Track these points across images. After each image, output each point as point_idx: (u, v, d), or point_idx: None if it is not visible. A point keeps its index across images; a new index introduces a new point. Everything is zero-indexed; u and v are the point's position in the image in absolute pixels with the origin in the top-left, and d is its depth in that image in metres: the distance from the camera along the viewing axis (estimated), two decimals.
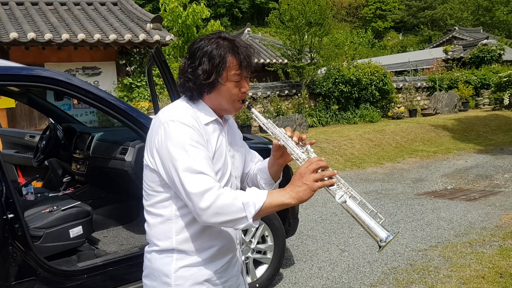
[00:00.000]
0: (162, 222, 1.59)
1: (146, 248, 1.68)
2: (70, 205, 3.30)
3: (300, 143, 1.60)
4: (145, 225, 1.67)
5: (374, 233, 1.45)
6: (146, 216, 1.66)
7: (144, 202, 1.67)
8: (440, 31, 43.43)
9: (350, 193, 1.48)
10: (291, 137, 1.61)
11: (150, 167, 1.59)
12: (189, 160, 1.46)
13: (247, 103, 1.66)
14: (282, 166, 1.74)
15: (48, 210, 3.25)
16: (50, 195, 4.09)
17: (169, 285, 1.57)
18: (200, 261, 1.59)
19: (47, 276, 2.72)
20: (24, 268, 2.66)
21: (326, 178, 1.47)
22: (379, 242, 1.45)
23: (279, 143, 1.62)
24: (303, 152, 1.57)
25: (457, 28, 30.57)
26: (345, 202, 1.46)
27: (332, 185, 1.47)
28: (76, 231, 3.22)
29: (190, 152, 1.47)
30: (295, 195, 1.46)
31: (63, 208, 3.25)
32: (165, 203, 1.58)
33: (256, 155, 1.89)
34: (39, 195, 4.07)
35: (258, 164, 1.85)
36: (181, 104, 1.62)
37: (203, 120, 1.59)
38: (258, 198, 1.45)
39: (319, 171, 1.47)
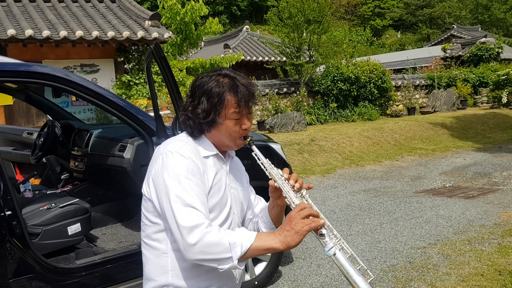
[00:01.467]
0: (158, 256, 1.58)
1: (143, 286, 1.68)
2: (68, 202, 3.28)
3: (296, 187, 1.57)
4: (143, 259, 1.66)
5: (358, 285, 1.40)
6: (143, 249, 1.65)
7: (142, 233, 1.66)
8: (439, 29, 43.41)
9: (341, 245, 1.45)
10: (288, 179, 1.59)
11: (146, 196, 1.60)
12: (182, 193, 1.46)
13: (248, 139, 1.65)
14: (283, 208, 1.70)
15: (46, 207, 3.23)
16: (48, 192, 4.07)
17: None
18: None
19: (45, 273, 2.71)
20: (22, 266, 2.64)
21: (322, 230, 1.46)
22: None
23: (275, 184, 1.60)
24: (297, 197, 1.55)
25: (455, 27, 30.56)
26: (334, 254, 1.42)
27: (320, 227, 1.45)
28: (74, 228, 3.20)
29: (184, 184, 1.47)
30: (283, 240, 1.43)
31: (61, 205, 3.23)
32: (160, 235, 1.57)
33: (262, 200, 1.87)
34: (37, 192, 4.05)
35: (259, 206, 1.84)
36: (182, 137, 1.63)
37: (203, 153, 1.59)
38: (245, 239, 1.43)
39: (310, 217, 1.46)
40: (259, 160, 1.65)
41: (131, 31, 10.76)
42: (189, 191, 1.47)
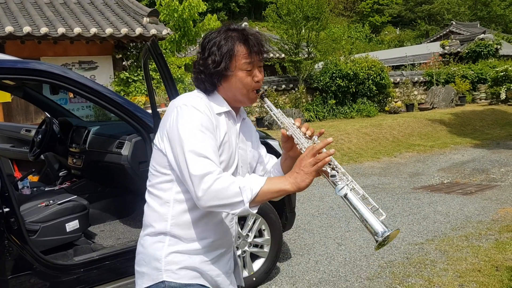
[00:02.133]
0: (161, 204, 1.60)
1: (141, 233, 1.69)
2: (67, 199, 3.29)
3: (307, 134, 1.58)
4: (145, 206, 1.68)
5: (371, 227, 1.40)
6: (147, 197, 1.66)
7: (147, 183, 1.68)
8: (438, 26, 43.40)
9: (352, 186, 1.44)
10: (299, 127, 1.60)
11: (158, 147, 1.61)
12: (195, 143, 1.47)
13: (260, 92, 1.65)
14: (295, 160, 1.69)
15: (44, 204, 3.24)
16: (46, 189, 4.08)
17: (159, 269, 1.57)
18: (191, 249, 1.58)
19: (44, 270, 2.72)
20: (20, 262, 2.65)
21: (327, 168, 1.46)
22: (375, 237, 1.40)
23: (287, 133, 1.60)
24: (308, 143, 1.54)
25: (454, 23, 30.59)
26: (346, 195, 1.42)
27: (327, 163, 1.45)
28: (72, 225, 3.21)
29: (198, 135, 1.48)
30: (293, 181, 1.45)
31: (59, 202, 3.24)
32: (166, 185, 1.59)
33: (274, 158, 1.87)
34: (35, 189, 4.06)
35: (271, 163, 1.84)
36: (196, 93, 1.64)
37: (216, 109, 1.59)
38: (255, 183, 1.44)
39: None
40: (271, 111, 1.66)
41: (129, 28, 10.74)
42: (202, 141, 1.48)
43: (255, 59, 1.59)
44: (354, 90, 14.21)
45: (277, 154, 3.76)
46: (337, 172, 1.46)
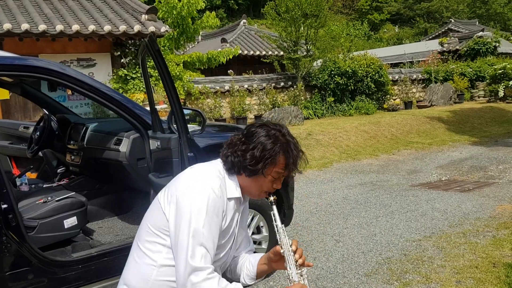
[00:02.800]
0: (147, 264, 1.61)
1: (120, 282, 1.71)
2: (65, 196, 3.29)
3: (299, 262, 1.64)
4: (129, 258, 1.69)
5: None
6: (134, 249, 1.68)
7: (137, 236, 1.70)
8: (436, 24, 43.36)
9: None
10: (294, 252, 1.65)
11: (162, 209, 1.62)
12: (202, 230, 1.50)
13: (272, 198, 1.72)
14: (273, 269, 1.78)
15: (42, 200, 3.24)
16: (44, 186, 4.08)
17: None
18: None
19: (42, 266, 2.72)
20: (18, 259, 2.65)
21: None
22: None
23: (281, 252, 1.66)
24: (297, 273, 1.61)
25: (453, 21, 30.57)
26: None
27: None
28: (70, 221, 3.21)
29: (207, 222, 1.51)
30: None
31: (57, 199, 3.24)
32: (157, 246, 1.61)
33: (251, 243, 1.94)
34: (33, 186, 4.06)
35: (249, 254, 1.88)
36: (216, 169, 1.67)
37: (230, 194, 1.64)
38: None
39: None
40: (275, 222, 1.71)
41: (128, 25, 10.72)
42: (209, 231, 1.52)
43: (287, 174, 1.67)
44: (352, 87, 14.21)
45: None
46: None
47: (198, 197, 1.53)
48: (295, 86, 14.13)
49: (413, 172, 7.84)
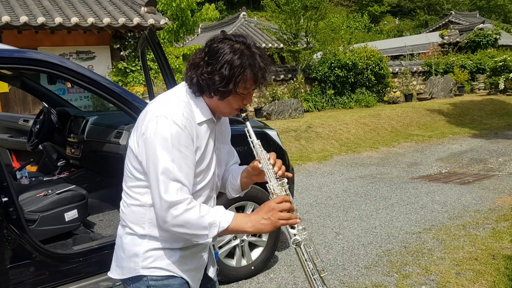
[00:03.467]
0: (137, 205, 1.61)
1: (119, 229, 1.71)
2: (65, 189, 3.30)
3: (278, 174, 1.61)
4: (121, 204, 1.68)
5: (311, 283, 1.53)
6: (124, 196, 1.67)
7: (123, 183, 1.67)
8: (437, 16, 43.18)
9: (306, 239, 1.54)
10: (273, 165, 1.61)
11: (133, 152, 1.59)
12: (171, 165, 1.47)
13: (244, 114, 1.65)
14: (254, 182, 1.75)
15: (43, 193, 3.24)
16: (44, 179, 4.08)
17: (137, 264, 1.61)
18: (167, 247, 1.61)
19: (43, 259, 2.72)
20: (19, 252, 2.66)
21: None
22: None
23: (260, 166, 1.63)
24: (278, 185, 1.59)
25: (453, 13, 30.43)
26: (298, 246, 1.53)
27: (293, 226, 1.53)
28: (71, 214, 3.22)
29: (174, 156, 1.47)
30: (257, 226, 1.52)
31: (58, 192, 3.24)
32: (142, 189, 1.59)
33: (235, 156, 1.89)
34: (33, 179, 4.07)
35: (233, 166, 1.84)
36: (178, 96, 1.59)
37: (198, 118, 1.57)
38: (223, 220, 1.50)
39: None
40: (250, 138, 1.66)
41: (127, 17, 10.67)
42: (179, 164, 1.48)
43: (254, 87, 1.59)
44: (353, 80, 14.18)
45: (274, 144, 3.78)
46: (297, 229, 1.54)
47: (160, 133, 1.47)
48: (295, 79, 14.10)
49: (413, 165, 7.84)
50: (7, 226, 2.57)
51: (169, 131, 1.48)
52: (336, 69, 13.88)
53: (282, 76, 14.30)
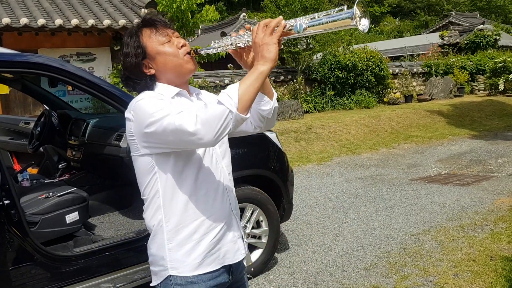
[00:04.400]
0: (150, 204, 1.62)
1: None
2: (66, 191, 3.32)
3: (241, 32, 1.55)
4: (143, 214, 1.70)
5: (342, 16, 1.36)
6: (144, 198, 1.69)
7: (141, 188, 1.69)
8: (437, 16, 43.24)
9: (305, 20, 1.42)
10: (230, 35, 1.58)
11: (137, 155, 1.60)
12: (170, 110, 1.43)
13: (192, 51, 1.62)
14: (251, 64, 1.58)
15: (44, 196, 3.27)
16: (46, 181, 4.11)
17: (165, 267, 1.60)
18: (191, 234, 1.59)
19: (44, 261, 2.75)
20: (21, 254, 2.69)
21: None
22: (351, 21, 1.35)
23: (231, 47, 1.58)
24: (245, 35, 1.53)
25: (453, 13, 30.50)
26: (306, 28, 1.40)
27: (284, 26, 1.43)
28: (72, 216, 3.25)
29: (164, 108, 1.45)
30: (262, 60, 1.43)
31: (59, 194, 3.27)
32: (152, 190, 1.60)
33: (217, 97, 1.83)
34: (35, 181, 4.09)
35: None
36: (142, 95, 1.59)
37: (168, 95, 1.58)
38: (230, 91, 1.41)
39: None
40: (210, 49, 1.61)
41: (127, 19, 10.71)
42: (170, 107, 1.45)
43: (166, 31, 1.59)
44: (353, 81, 14.21)
45: (273, 146, 3.80)
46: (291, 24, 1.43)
47: (145, 108, 1.48)
48: (295, 80, 14.13)
49: (412, 166, 7.87)
50: (9, 229, 2.60)
51: (149, 102, 1.49)
52: (336, 70, 13.91)
53: (282, 77, 14.33)
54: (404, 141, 10.28)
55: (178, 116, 1.40)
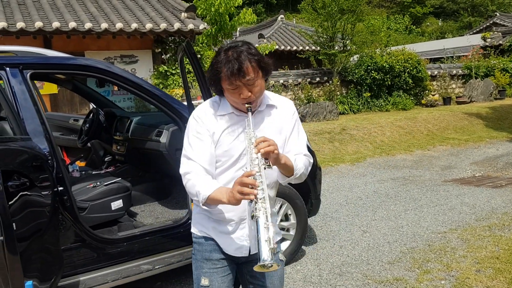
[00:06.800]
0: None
1: None
2: (112, 181, 3.65)
3: (254, 151, 1.72)
4: None
5: (260, 250, 1.55)
6: None
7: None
8: (481, 17, 41.98)
9: (264, 213, 1.60)
10: (256, 147, 1.73)
11: None
12: (187, 147, 1.91)
13: (247, 105, 1.84)
14: (281, 165, 1.85)
15: (92, 185, 3.61)
16: (93, 172, 4.48)
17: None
18: (207, 214, 1.99)
19: (92, 242, 3.08)
20: (72, 235, 3.02)
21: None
22: (259, 261, 1.55)
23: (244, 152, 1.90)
24: (252, 160, 1.71)
25: (498, 14, 29.54)
26: (254, 218, 1.61)
27: (251, 200, 1.65)
28: (117, 204, 3.57)
29: (190, 140, 1.91)
30: (229, 198, 1.72)
31: (105, 184, 3.61)
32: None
33: (297, 148, 1.98)
34: (83, 172, 4.46)
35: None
36: (214, 97, 2.00)
37: (220, 112, 1.92)
38: (206, 190, 1.79)
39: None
40: (248, 126, 1.82)
41: (168, 23, 11.13)
42: (192, 146, 1.89)
43: (237, 82, 1.78)
44: (389, 83, 14.16)
45: None
46: (256, 202, 1.63)
47: (187, 127, 1.96)
48: (330, 81, 14.22)
49: (447, 168, 7.86)
50: (62, 212, 2.93)
51: (190, 124, 1.95)
52: (373, 71, 13.91)
53: (317, 79, 14.45)
54: (440, 143, 10.22)
55: (182, 166, 1.93)
